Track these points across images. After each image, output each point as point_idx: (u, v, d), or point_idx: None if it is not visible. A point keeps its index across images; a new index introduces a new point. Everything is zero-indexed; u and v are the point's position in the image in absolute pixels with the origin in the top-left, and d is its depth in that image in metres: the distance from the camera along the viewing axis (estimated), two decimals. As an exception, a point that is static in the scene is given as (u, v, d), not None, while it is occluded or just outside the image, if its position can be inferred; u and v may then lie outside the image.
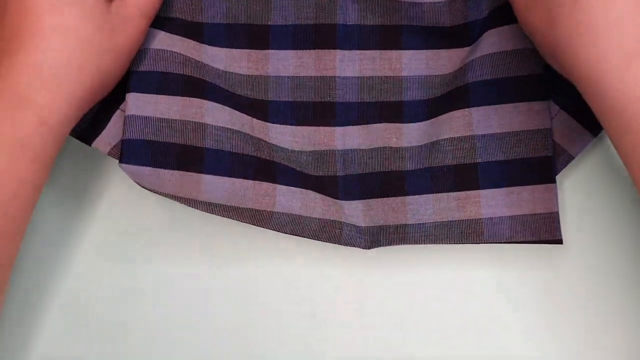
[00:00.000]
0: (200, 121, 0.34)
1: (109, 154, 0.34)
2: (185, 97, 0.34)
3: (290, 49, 0.36)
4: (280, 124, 0.36)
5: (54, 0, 0.29)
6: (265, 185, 0.34)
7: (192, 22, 0.36)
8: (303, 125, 0.36)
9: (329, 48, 0.36)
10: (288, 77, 0.36)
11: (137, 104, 0.33)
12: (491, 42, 0.35)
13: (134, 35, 0.32)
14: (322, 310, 0.35)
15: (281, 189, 0.34)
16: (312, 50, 0.36)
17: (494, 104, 0.34)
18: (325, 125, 0.36)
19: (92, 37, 0.30)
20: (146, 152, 0.33)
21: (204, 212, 0.35)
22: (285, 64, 0.36)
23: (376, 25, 0.36)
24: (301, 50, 0.36)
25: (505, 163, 0.34)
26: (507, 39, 0.34)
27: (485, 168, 0.34)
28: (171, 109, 0.34)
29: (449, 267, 0.36)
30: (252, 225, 0.35)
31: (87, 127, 0.34)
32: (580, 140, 0.34)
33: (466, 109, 0.34)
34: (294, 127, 0.36)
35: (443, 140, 0.35)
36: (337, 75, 0.36)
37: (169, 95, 0.34)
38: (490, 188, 0.34)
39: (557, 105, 0.35)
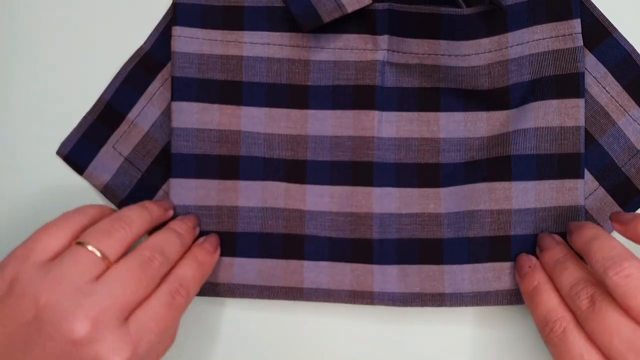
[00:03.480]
0: (235, 204, 0.36)
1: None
2: (221, 181, 0.36)
3: (329, 109, 0.36)
4: (319, 184, 0.36)
5: None
6: (294, 263, 0.35)
7: (232, 82, 0.36)
8: (341, 185, 0.36)
9: (367, 109, 0.36)
10: (327, 136, 0.36)
11: (180, 191, 0.36)
12: (537, 115, 0.34)
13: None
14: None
15: (308, 265, 0.35)
16: (351, 111, 0.36)
17: (534, 180, 0.34)
18: (364, 186, 0.36)
19: None
20: None
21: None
22: (324, 124, 0.36)
23: (414, 88, 0.36)
24: (340, 110, 0.36)
25: (536, 237, 0.35)
26: (553, 114, 0.34)
27: (518, 241, 0.35)
28: (208, 195, 0.36)
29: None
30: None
31: (128, 201, 0.37)
32: (616, 218, 0.35)
33: (507, 182, 0.35)
34: (332, 187, 0.36)
35: (482, 211, 0.35)
36: (375, 135, 0.35)
37: (206, 178, 0.36)
38: None
39: (597, 182, 0.35)
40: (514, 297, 0.34)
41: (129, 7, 0.38)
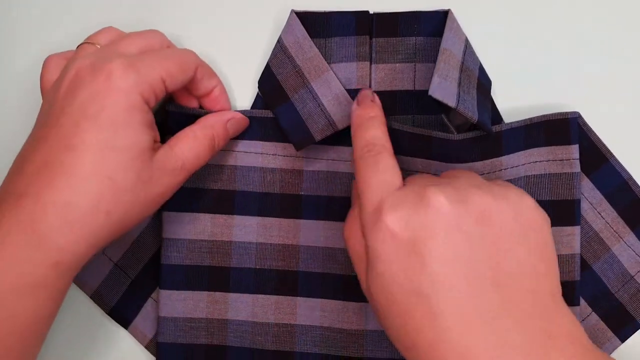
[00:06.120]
0: (224, 317, 0.35)
1: (146, 347, 0.36)
2: (210, 292, 0.36)
3: (321, 220, 0.36)
4: (310, 297, 0.36)
5: (101, 142, 0.28)
6: None
7: (225, 191, 0.36)
8: (333, 299, 0.36)
9: None
10: (319, 247, 0.36)
11: (168, 303, 0.36)
12: None
13: (169, 188, 0.31)
14: None
15: None
16: (343, 222, 0.35)
17: None
18: (356, 301, 0.35)
19: (128, 187, 0.29)
20: (180, 356, 0.35)
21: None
22: (317, 235, 0.36)
23: None
24: (332, 222, 0.36)
25: None
26: None
27: None
28: (197, 307, 0.36)
29: None
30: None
31: (118, 307, 0.37)
32: (608, 345, 0.34)
33: None
34: (323, 300, 0.36)
35: None
36: None
37: (196, 290, 0.36)
38: None
39: (590, 308, 0.34)
40: None
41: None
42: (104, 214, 0.28)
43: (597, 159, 0.34)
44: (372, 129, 0.30)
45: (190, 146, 0.32)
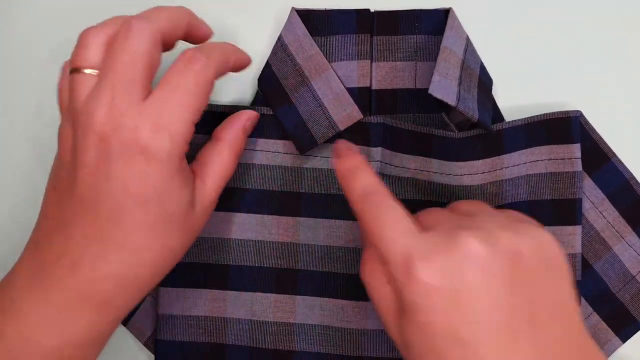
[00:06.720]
0: (222, 315, 0.35)
1: (145, 344, 0.36)
2: (209, 290, 0.36)
3: (321, 218, 0.36)
4: (309, 295, 0.35)
5: (149, 218, 0.28)
6: None
7: (225, 188, 0.35)
8: (333, 297, 0.35)
9: None
10: (318, 245, 0.36)
11: (167, 301, 0.36)
12: None
13: (206, 220, 0.32)
14: None
15: None
16: (343, 221, 0.35)
17: None
18: (356, 300, 0.35)
19: (179, 245, 0.30)
20: (178, 354, 0.35)
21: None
22: (316, 233, 0.36)
23: (408, 200, 0.35)
24: (332, 220, 0.35)
25: None
26: None
27: None
28: (196, 305, 0.35)
29: None
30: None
31: None
32: (610, 345, 0.34)
33: None
34: (322, 298, 0.35)
35: None
36: None
37: (195, 288, 0.36)
38: None
39: (591, 307, 0.34)
40: None
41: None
42: (156, 277, 0.30)
43: (599, 158, 0.34)
44: (360, 178, 0.29)
45: (219, 171, 0.32)
